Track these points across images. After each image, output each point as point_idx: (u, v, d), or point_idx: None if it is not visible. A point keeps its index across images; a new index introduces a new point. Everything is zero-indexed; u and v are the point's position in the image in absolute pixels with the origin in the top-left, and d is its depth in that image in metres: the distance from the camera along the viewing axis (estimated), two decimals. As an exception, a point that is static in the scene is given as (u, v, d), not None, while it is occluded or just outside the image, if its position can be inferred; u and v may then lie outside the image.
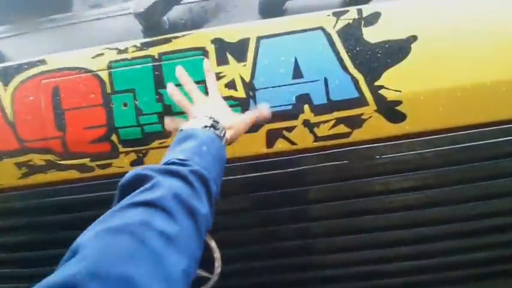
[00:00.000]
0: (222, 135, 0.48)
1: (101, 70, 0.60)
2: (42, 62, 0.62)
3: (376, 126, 0.56)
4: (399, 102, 0.55)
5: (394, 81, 0.55)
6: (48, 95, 0.61)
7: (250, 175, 0.59)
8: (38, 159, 0.62)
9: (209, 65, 0.55)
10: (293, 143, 0.58)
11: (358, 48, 0.55)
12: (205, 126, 0.46)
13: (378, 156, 0.57)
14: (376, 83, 0.55)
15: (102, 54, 0.60)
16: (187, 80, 0.54)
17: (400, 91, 0.55)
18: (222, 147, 0.47)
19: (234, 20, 0.60)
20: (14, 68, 0.62)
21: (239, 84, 0.57)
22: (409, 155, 0.57)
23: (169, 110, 0.58)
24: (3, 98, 0.62)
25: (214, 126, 0.47)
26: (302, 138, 0.57)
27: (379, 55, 0.55)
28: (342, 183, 0.58)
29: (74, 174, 0.62)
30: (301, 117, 0.57)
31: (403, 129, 0.56)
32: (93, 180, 0.62)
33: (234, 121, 0.51)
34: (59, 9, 0.69)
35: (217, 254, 0.62)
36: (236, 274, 0.65)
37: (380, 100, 0.55)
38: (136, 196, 0.34)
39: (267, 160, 0.59)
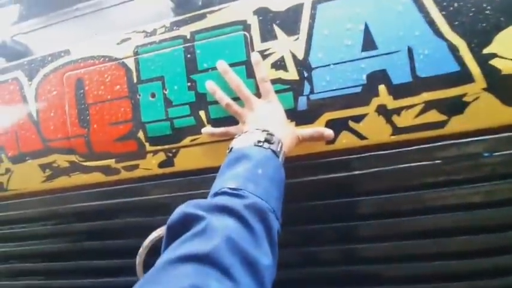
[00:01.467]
0: (278, 149, 0.41)
1: (126, 57, 0.51)
2: (66, 52, 0.55)
3: (486, 111, 0.40)
4: (521, 76, 0.39)
5: (513, 46, 0.39)
6: (72, 88, 0.54)
7: (305, 179, 0.46)
8: (62, 160, 0.55)
9: (258, 58, 0.46)
10: (363, 137, 0.44)
11: (456, 5, 0.40)
12: (259, 142, 0.40)
13: (486, 154, 0.41)
14: (486, 51, 0.39)
15: (129, 38, 0.52)
16: (232, 78, 0.46)
17: (522, 60, 0.39)
18: (279, 166, 0.40)
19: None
20: (38, 61, 0.57)
21: (290, 63, 0.45)
22: (536, 151, 0.40)
23: (203, 99, 0.48)
24: (28, 94, 0.57)
25: (268, 140, 0.41)
26: (376, 131, 0.43)
27: (487, 12, 0.40)
28: (432, 191, 0.43)
29: (98, 177, 0.54)
30: (375, 101, 0.42)
31: (527, 114, 0.39)
32: (119, 184, 0.54)
33: (289, 131, 0.44)
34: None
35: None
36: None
37: (492, 74, 0.39)
38: (188, 242, 0.30)
39: (328, 160, 0.45)
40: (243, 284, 0.28)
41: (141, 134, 0.51)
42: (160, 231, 0.52)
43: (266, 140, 0.40)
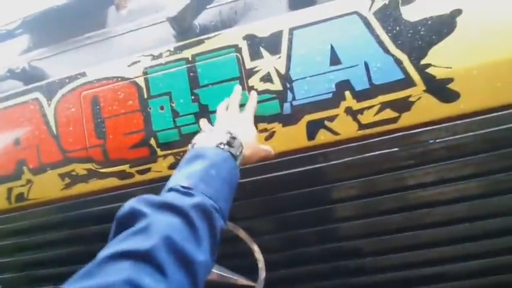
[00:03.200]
0: (237, 153, 0.45)
1: (137, 77, 0.61)
2: (83, 74, 0.64)
3: (427, 108, 0.52)
4: (450, 80, 0.51)
5: (442, 57, 0.51)
6: (88, 105, 0.63)
7: (292, 171, 0.56)
8: (80, 168, 0.63)
9: (256, 95, 0.55)
10: (336, 133, 0.55)
11: (398, 28, 0.53)
12: (220, 143, 0.44)
13: (431, 141, 0.53)
14: (423, 62, 0.52)
15: (138, 61, 0.62)
16: (236, 96, 0.55)
17: (450, 67, 0.51)
18: (234, 168, 0.44)
19: (263, 17, 0.60)
20: (56, 83, 0.65)
21: (275, 77, 0.56)
22: (468, 137, 0.52)
23: (206, 109, 0.58)
24: (47, 112, 0.65)
25: (230, 143, 0.44)
26: (345, 128, 0.54)
27: (422, 33, 0.52)
28: (393, 174, 0.54)
29: (114, 181, 0.62)
30: (343, 104, 0.54)
31: (458, 108, 0.52)
32: (133, 187, 0.62)
33: (255, 143, 0.50)
34: (94, 27, 0.73)
35: (261, 260, 0.59)
36: (283, 281, 0.61)
37: (429, 79, 0.52)
38: (129, 239, 0.32)
39: (310, 153, 0.56)
40: (174, 279, 0.30)
41: (152, 141, 0.60)
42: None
43: (227, 143, 0.43)
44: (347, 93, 0.54)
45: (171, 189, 0.39)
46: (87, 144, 0.62)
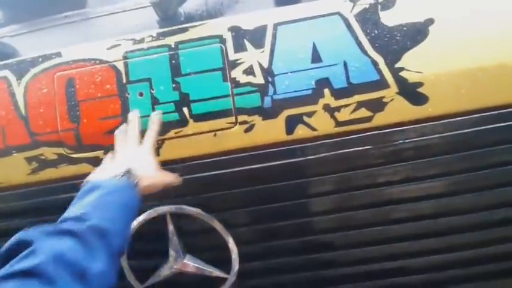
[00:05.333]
0: (134, 183, 0.46)
1: (116, 60, 0.59)
2: (58, 54, 0.61)
3: (398, 109, 0.55)
4: (421, 84, 0.55)
5: (415, 62, 0.54)
6: (62, 87, 0.60)
7: (269, 164, 0.57)
8: (49, 152, 0.60)
9: (158, 117, 0.55)
10: (314, 129, 0.56)
11: (376, 32, 0.55)
12: (115, 176, 0.45)
13: (401, 141, 0.56)
14: (397, 65, 0.55)
15: (119, 45, 0.60)
16: (133, 126, 0.54)
17: (421, 72, 0.54)
18: (132, 195, 0.44)
19: (249, 11, 0.60)
20: (28, 62, 0.62)
21: (257, 70, 0.56)
22: (434, 138, 0.55)
23: (187, 98, 0.57)
24: (16, 92, 0.61)
25: (125, 175, 0.45)
26: (323, 124, 0.56)
27: (398, 38, 0.55)
28: (365, 171, 0.56)
29: (86, 168, 0.60)
30: (321, 101, 0.55)
31: (426, 111, 0.55)
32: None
33: (153, 173, 0.50)
34: (73, 6, 0.70)
35: (234, 252, 0.59)
36: (255, 273, 0.62)
37: (401, 82, 0.54)
38: (14, 265, 0.31)
39: (287, 148, 0.57)
40: None
41: (129, 128, 0.58)
42: (143, 217, 0.59)
43: (123, 174, 0.45)
44: (326, 91, 0.55)
45: (63, 220, 0.39)
46: (58, 128, 0.60)
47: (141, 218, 0.59)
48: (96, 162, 0.59)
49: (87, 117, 0.59)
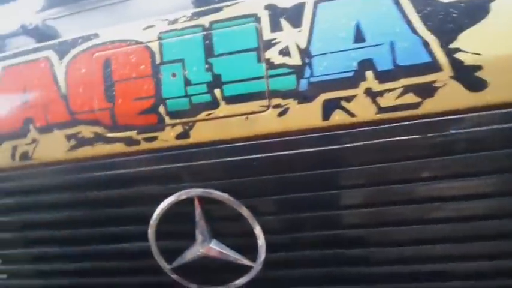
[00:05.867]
0: None
1: (151, 41, 0.59)
2: (95, 35, 0.63)
3: (452, 96, 0.49)
4: (479, 68, 0.48)
5: (473, 43, 0.48)
6: (100, 67, 0.61)
7: (302, 151, 0.54)
8: (86, 131, 0.62)
9: None
10: (352, 115, 0.52)
11: (428, 8, 0.50)
12: None
13: (453, 131, 0.50)
14: (451, 46, 0.49)
15: (153, 25, 0.60)
16: None
17: (479, 54, 0.48)
18: None
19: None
20: (68, 43, 0.64)
21: (294, 51, 0.53)
22: (491, 129, 0.49)
23: (219, 79, 0.56)
24: (58, 72, 0.64)
25: None
26: (363, 110, 0.52)
27: (454, 15, 0.49)
28: (409, 162, 0.51)
29: (120, 147, 0.61)
30: (363, 85, 0.51)
31: (484, 99, 0.49)
32: (139, 154, 0.61)
33: None
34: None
35: (261, 240, 0.58)
36: (282, 263, 0.59)
37: (456, 65, 0.49)
38: None
39: (322, 134, 0.53)
40: None
41: (162, 109, 0.58)
42: (171, 199, 0.59)
43: None
44: (368, 73, 0.51)
45: None
46: (95, 107, 0.61)
47: (170, 200, 0.59)
48: (129, 141, 0.60)
49: (122, 97, 0.60)
